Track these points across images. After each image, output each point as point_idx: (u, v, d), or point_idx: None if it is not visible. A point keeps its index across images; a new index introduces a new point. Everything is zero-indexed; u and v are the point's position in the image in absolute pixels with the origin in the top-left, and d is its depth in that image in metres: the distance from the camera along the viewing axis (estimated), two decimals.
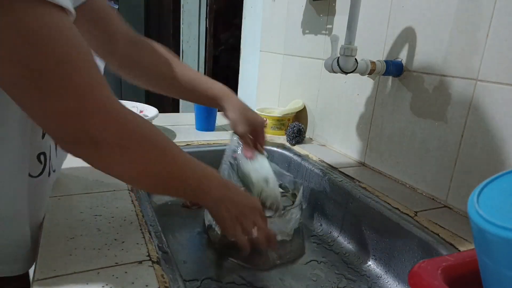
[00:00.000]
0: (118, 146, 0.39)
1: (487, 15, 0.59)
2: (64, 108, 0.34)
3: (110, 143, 0.38)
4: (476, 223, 0.30)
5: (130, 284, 0.40)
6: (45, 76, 0.32)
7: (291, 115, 1.09)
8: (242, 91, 1.54)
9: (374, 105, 0.83)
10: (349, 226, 0.75)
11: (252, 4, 1.39)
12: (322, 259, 0.70)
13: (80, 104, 0.35)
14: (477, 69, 0.61)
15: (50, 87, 0.33)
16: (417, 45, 0.71)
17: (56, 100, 0.34)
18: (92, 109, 0.36)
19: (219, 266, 0.66)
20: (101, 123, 0.36)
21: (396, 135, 0.77)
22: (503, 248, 0.29)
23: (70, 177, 0.66)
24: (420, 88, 0.71)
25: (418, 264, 0.36)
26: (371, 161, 0.85)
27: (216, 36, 2.58)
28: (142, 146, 0.41)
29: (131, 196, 0.61)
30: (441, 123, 0.68)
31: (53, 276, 0.40)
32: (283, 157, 0.97)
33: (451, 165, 0.66)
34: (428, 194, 0.71)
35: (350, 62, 0.70)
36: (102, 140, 0.37)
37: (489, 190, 0.33)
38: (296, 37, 1.10)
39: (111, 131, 0.38)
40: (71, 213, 0.53)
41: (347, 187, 0.75)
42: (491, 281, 0.32)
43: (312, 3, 1.01)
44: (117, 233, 0.49)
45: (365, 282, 0.65)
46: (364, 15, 0.80)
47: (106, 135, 0.37)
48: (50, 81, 0.33)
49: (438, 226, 0.60)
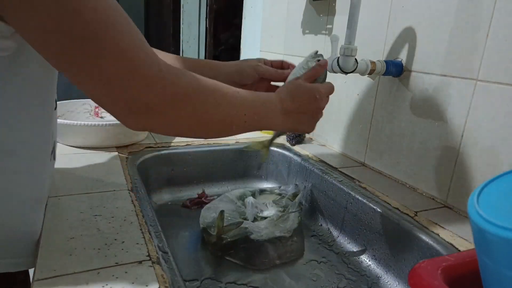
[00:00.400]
0: (171, 107, 0.38)
1: (487, 15, 0.59)
2: (112, 73, 0.34)
3: (161, 104, 0.37)
4: (476, 223, 0.30)
5: (130, 284, 0.40)
6: (88, 40, 0.32)
7: None
8: None
9: (374, 105, 0.83)
10: (349, 226, 0.75)
11: (252, 4, 1.39)
12: (322, 259, 0.70)
13: (127, 67, 0.34)
14: (477, 69, 0.61)
15: (95, 51, 0.33)
16: (417, 45, 0.71)
17: (103, 65, 0.33)
18: (139, 71, 0.35)
19: (219, 266, 0.66)
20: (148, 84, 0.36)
21: (396, 135, 0.77)
22: (503, 248, 0.29)
23: (70, 177, 0.66)
24: (420, 88, 0.71)
25: (418, 264, 0.36)
26: (371, 161, 0.85)
27: (216, 36, 2.58)
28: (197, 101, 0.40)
29: (131, 196, 0.61)
30: (441, 123, 0.68)
31: (53, 276, 0.40)
32: (283, 157, 0.97)
33: (451, 165, 0.66)
34: (428, 194, 0.71)
35: (350, 62, 0.70)
36: (153, 102, 0.37)
37: (489, 190, 0.33)
38: (296, 37, 1.10)
39: (160, 92, 0.37)
40: (71, 213, 0.53)
41: (347, 187, 0.75)
42: (491, 281, 0.32)
43: (312, 3, 1.01)
44: (117, 233, 0.49)
45: (365, 282, 0.65)
46: (364, 15, 0.80)
47: (155, 96, 0.37)
48: (94, 45, 0.33)
49: (438, 226, 0.60)
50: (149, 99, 0.37)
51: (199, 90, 0.41)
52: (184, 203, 0.87)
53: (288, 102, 0.50)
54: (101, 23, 0.33)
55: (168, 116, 0.39)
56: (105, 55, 0.33)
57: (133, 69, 0.35)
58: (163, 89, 0.37)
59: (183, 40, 2.52)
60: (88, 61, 0.33)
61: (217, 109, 0.43)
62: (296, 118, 0.51)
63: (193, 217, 0.80)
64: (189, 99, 0.40)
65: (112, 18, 0.34)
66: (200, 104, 0.41)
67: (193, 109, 0.41)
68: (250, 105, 0.47)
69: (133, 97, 0.36)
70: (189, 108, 0.40)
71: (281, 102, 0.50)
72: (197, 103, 0.41)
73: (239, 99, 0.45)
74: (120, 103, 0.36)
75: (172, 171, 0.90)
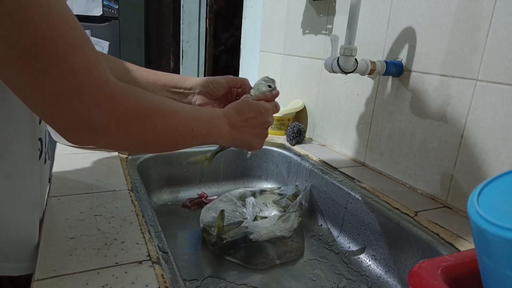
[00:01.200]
0: (118, 125, 0.37)
1: (487, 15, 0.59)
2: (59, 91, 0.33)
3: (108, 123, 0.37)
4: (476, 223, 0.30)
5: (130, 284, 0.40)
6: (37, 55, 0.31)
7: (291, 115, 1.09)
8: None
9: (374, 105, 0.83)
10: (349, 226, 0.75)
11: (252, 4, 1.39)
12: (322, 259, 0.70)
13: (76, 87, 0.34)
14: (477, 69, 0.61)
15: (43, 67, 0.32)
16: (417, 45, 0.71)
17: (50, 81, 0.32)
18: (88, 90, 0.34)
19: (219, 266, 0.66)
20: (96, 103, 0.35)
21: (396, 135, 0.77)
22: (503, 248, 0.29)
23: (70, 177, 0.66)
24: (420, 88, 0.71)
25: (418, 264, 0.36)
26: (371, 161, 0.85)
27: (216, 36, 2.58)
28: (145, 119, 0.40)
29: (131, 196, 0.61)
30: (441, 123, 0.68)
31: (53, 276, 0.40)
32: (283, 157, 0.97)
33: (451, 165, 0.66)
34: (428, 194, 0.71)
35: (350, 62, 0.70)
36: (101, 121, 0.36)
37: (489, 190, 0.33)
38: (296, 37, 1.10)
39: (107, 111, 0.36)
40: (71, 213, 0.53)
41: (347, 187, 0.75)
42: (491, 281, 0.32)
43: (312, 3, 1.01)
44: (117, 233, 0.49)
45: (365, 282, 0.65)
46: (364, 15, 0.80)
47: (102, 115, 0.36)
48: (43, 61, 0.31)
49: (438, 226, 0.60)
50: (96, 118, 0.36)
51: (146, 107, 0.41)
52: (184, 203, 0.88)
53: (234, 116, 0.52)
54: (54, 40, 0.31)
55: (115, 134, 0.38)
56: (53, 72, 0.32)
57: (82, 89, 0.34)
58: (111, 108, 0.37)
59: (183, 40, 2.52)
60: (34, 77, 0.32)
61: (164, 125, 0.43)
62: (242, 131, 0.53)
63: (193, 217, 0.80)
64: (136, 117, 0.40)
65: (67, 35, 0.33)
66: (148, 122, 0.41)
67: (141, 127, 0.40)
68: (197, 120, 0.47)
69: (80, 116, 0.35)
70: (137, 126, 0.40)
71: (227, 116, 0.51)
72: (145, 121, 0.41)
73: (186, 114, 0.46)
74: (65, 121, 0.35)
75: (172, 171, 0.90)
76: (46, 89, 0.33)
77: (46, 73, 0.32)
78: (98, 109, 0.36)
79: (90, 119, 0.36)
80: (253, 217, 0.74)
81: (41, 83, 0.32)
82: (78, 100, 0.34)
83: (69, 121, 0.36)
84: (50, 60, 0.32)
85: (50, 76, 0.32)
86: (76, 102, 0.34)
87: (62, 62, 0.32)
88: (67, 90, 0.33)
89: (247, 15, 1.44)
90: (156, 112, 0.42)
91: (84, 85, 0.34)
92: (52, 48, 0.32)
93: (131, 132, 0.40)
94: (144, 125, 0.41)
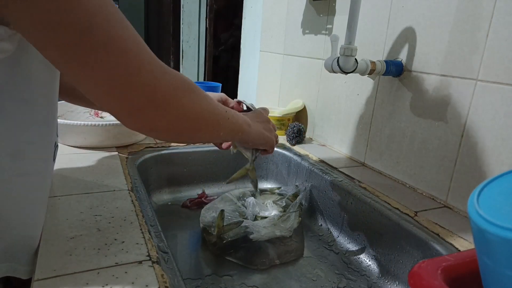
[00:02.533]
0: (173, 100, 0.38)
1: (487, 15, 0.59)
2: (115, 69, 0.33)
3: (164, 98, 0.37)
4: (476, 223, 0.30)
5: (130, 284, 0.40)
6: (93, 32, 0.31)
7: (291, 115, 1.09)
8: (242, 91, 1.54)
9: (374, 105, 0.83)
10: (349, 226, 0.75)
11: (252, 4, 1.39)
12: (322, 259, 0.70)
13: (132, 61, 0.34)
14: (477, 69, 0.61)
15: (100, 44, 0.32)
16: (417, 45, 0.71)
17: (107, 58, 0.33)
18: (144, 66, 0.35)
19: (219, 266, 0.66)
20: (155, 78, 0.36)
21: (396, 135, 0.77)
22: (503, 248, 0.29)
23: (70, 177, 0.66)
24: (420, 88, 0.71)
25: (418, 264, 0.36)
26: (371, 161, 0.85)
27: (216, 36, 2.58)
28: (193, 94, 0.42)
29: (131, 196, 0.61)
30: (441, 123, 0.68)
31: (53, 276, 0.40)
32: (283, 157, 0.97)
33: (451, 165, 0.66)
34: (428, 194, 0.71)
35: (350, 62, 0.70)
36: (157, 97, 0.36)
37: (489, 190, 0.33)
38: (296, 37, 1.10)
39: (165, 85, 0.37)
40: (71, 213, 0.53)
41: (347, 187, 0.75)
42: (491, 281, 0.32)
43: (312, 3, 1.01)
44: (117, 233, 0.49)
45: (365, 282, 0.65)
46: (364, 15, 0.80)
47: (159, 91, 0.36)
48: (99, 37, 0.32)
49: (438, 226, 0.60)
50: (153, 95, 0.36)
51: (189, 83, 0.42)
52: (184, 203, 0.87)
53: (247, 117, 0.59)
54: (107, 17, 0.32)
55: (170, 111, 0.39)
56: (110, 49, 0.32)
57: (139, 64, 0.34)
58: (168, 83, 0.37)
59: (183, 40, 2.52)
60: (92, 55, 0.32)
61: (206, 101, 0.45)
62: (255, 124, 0.60)
63: (193, 217, 0.80)
64: (187, 91, 0.41)
65: (116, 13, 0.33)
66: (196, 97, 0.42)
67: (191, 101, 0.41)
68: (227, 110, 0.51)
69: (141, 92, 0.35)
70: (189, 100, 0.41)
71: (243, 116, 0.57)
72: (193, 96, 0.42)
73: (221, 106, 0.49)
74: (126, 100, 0.35)
75: (172, 171, 0.90)
76: (104, 68, 0.33)
77: (103, 50, 0.32)
78: (156, 84, 0.36)
79: (150, 96, 0.36)
80: (253, 217, 0.74)
81: (99, 61, 0.32)
82: (137, 76, 0.34)
83: (128, 101, 0.35)
84: (106, 36, 0.32)
85: (107, 52, 0.32)
86: (135, 79, 0.34)
87: (117, 38, 0.32)
88: (125, 67, 0.33)
89: (247, 15, 1.44)
90: (201, 92, 0.43)
91: (141, 61, 0.34)
92: (106, 24, 0.32)
93: (185, 106, 0.40)
94: (193, 101, 0.41)
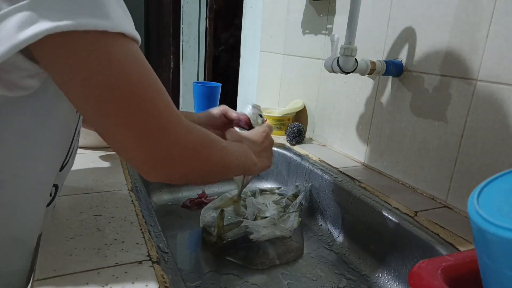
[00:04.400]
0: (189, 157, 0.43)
1: (487, 15, 0.59)
2: (148, 128, 0.38)
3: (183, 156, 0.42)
4: (476, 223, 0.30)
5: (130, 284, 0.40)
6: (131, 98, 0.35)
7: (291, 115, 1.09)
8: (242, 91, 1.54)
9: (374, 105, 0.83)
10: (349, 226, 0.75)
11: (252, 4, 1.39)
12: (322, 259, 0.70)
13: (162, 123, 0.38)
14: (477, 69, 0.61)
15: (137, 108, 0.36)
16: (417, 45, 0.71)
17: (141, 120, 0.37)
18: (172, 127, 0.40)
19: (219, 266, 0.66)
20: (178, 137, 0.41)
21: (396, 135, 0.77)
22: (503, 248, 0.29)
23: (70, 177, 0.65)
24: (420, 88, 0.71)
25: (418, 264, 0.36)
26: (371, 161, 0.85)
27: (216, 36, 2.58)
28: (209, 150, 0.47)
29: (131, 196, 0.61)
30: (441, 123, 0.68)
31: (53, 276, 0.40)
32: (283, 157, 0.97)
33: (451, 165, 0.66)
34: (428, 194, 0.71)
35: (350, 62, 0.70)
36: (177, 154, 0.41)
37: (489, 190, 0.33)
38: (296, 37, 1.10)
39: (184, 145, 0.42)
40: (71, 213, 0.53)
41: (347, 187, 0.75)
42: (491, 281, 0.32)
43: (312, 3, 1.01)
44: (117, 233, 0.49)
45: (365, 282, 0.65)
46: (364, 15, 0.80)
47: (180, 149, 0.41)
48: (136, 103, 0.36)
49: (438, 226, 0.60)
50: (175, 151, 0.41)
51: (209, 140, 0.47)
52: (184, 203, 0.87)
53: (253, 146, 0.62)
54: (145, 85, 0.36)
55: (186, 166, 0.44)
56: (145, 113, 0.37)
57: (168, 126, 0.39)
58: (186, 143, 0.42)
59: (183, 40, 2.52)
60: (127, 117, 0.36)
61: (219, 155, 0.49)
62: (261, 156, 0.63)
63: (193, 217, 0.80)
64: (204, 148, 0.46)
65: (154, 82, 0.38)
66: (209, 154, 0.47)
67: (206, 157, 0.46)
68: (237, 151, 0.54)
69: (165, 149, 0.40)
70: (204, 155, 0.46)
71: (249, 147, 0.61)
72: (209, 152, 0.47)
73: (230, 146, 0.53)
74: (151, 155, 0.40)
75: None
76: (137, 128, 0.37)
77: (139, 113, 0.36)
78: (179, 142, 0.41)
79: (173, 152, 0.41)
80: (253, 217, 0.74)
81: (133, 122, 0.37)
82: (164, 136, 0.39)
83: (154, 155, 0.40)
84: (142, 102, 0.36)
85: (142, 115, 0.37)
86: (163, 137, 0.39)
87: (152, 104, 0.37)
88: (156, 128, 0.38)
89: (247, 15, 1.44)
90: (215, 144, 0.48)
91: (169, 123, 0.39)
92: (144, 92, 0.36)
93: (200, 161, 0.45)
94: (209, 155, 0.47)
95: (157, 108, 0.38)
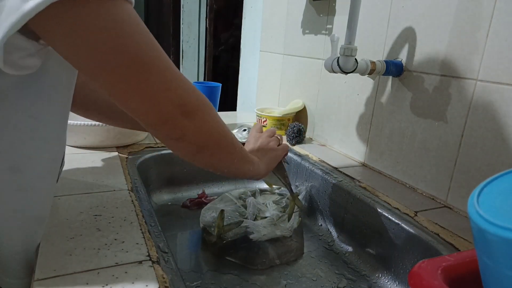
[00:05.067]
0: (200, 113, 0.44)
1: (487, 15, 0.59)
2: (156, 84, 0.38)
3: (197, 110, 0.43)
4: (476, 223, 0.30)
5: (130, 284, 0.40)
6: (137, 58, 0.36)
7: (291, 115, 1.09)
8: (242, 91, 1.54)
9: (374, 105, 0.83)
10: (349, 226, 0.75)
11: (252, 4, 1.39)
12: (322, 259, 0.70)
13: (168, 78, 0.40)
14: (477, 69, 0.61)
15: (144, 66, 0.37)
16: (417, 45, 0.71)
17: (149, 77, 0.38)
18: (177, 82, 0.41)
19: (219, 266, 0.66)
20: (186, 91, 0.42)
21: (396, 135, 0.77)
22: (503, 248, 0.29)
23: (70, 177, 0.66)
24: (420, 88, 0.71)
25: (418, 264, 0.36)
26: (371, 161, 0.85)
27: (216, 36, 2.58)
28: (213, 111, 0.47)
29: (131, 196, 0.61)
30: (441, 123, 0.68)
31: (53, 276, 0.40)
32: None
33: (451, 165, 0.66)
34: (428, 194, 0.71)
35: (350, 62, 0.70)
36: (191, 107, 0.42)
37: (489, 190, 0.33)
38: (296, 37, 1.10)
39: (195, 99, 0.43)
40: (71, 213, 0.53)
41: (347, 187, 0.75)
42: (491, 281, 0.32)
43: (312, 3, 1.01)
44: (117, 233, 0.49)
45: (365, 282, 0.65)
46: (364, 15, 0.80)
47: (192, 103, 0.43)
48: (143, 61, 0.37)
49: (438, 226, 0.60)
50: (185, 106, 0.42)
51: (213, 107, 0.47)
52: (184, 203, 0.87)
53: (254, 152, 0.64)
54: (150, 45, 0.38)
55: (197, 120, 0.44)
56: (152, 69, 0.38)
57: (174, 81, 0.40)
58: (196, 97, 0.44)
59: (183, 40, 2.52)
60: (136, 75, 0.37)
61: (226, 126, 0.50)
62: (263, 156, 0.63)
63: (193, 217, 0.80)
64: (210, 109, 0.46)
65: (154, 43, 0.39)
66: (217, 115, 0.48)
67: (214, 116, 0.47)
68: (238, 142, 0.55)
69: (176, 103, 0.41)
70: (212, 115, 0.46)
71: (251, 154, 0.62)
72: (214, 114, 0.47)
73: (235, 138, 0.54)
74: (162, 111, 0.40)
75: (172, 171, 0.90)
76: (146, 85, 0.38)
77: (147, 71, 0.37)
78: (188, 98, 0.42)
79: (182, 106, 0.41)
80: (253, 217, 0.74)
81: (142, 79, 0.37)
82: (174, 91, 0.40)
83: (166, 111, 0.40)
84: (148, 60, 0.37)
85: (150, 72, 0.38)
86: (172, 93, 0.40)
87: (157, 61, 0.38)
88: (163, 83, 0.39)
89: (247, 15, 1.44)
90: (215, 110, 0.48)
91: (174, 78, 0.40)
92: (149, 51, 0.37)
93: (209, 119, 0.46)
94: (215, 116, 0.47)
95: (162, 63, 0.39)
